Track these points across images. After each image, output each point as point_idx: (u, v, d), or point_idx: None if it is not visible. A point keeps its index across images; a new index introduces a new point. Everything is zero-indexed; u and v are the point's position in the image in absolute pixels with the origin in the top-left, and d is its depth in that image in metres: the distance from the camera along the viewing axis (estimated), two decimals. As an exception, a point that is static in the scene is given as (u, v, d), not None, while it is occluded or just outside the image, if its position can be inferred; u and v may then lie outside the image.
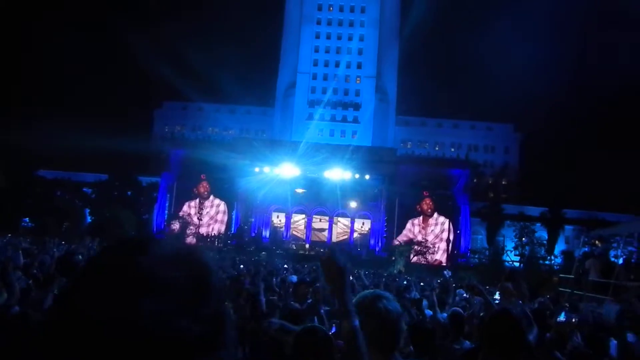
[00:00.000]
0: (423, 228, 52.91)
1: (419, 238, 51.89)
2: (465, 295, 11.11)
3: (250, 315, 6.03)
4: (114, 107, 78.84)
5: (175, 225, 51.30)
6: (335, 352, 2.98)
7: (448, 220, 52.58)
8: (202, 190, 54.62)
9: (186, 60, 78.87)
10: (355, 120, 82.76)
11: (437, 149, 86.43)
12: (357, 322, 1.95)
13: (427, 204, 53.12)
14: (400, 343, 2.35)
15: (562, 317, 4.91)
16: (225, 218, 54.79)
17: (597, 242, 51.97)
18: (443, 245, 52.15)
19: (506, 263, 46.93)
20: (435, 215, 53.05)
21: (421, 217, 53.43)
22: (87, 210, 53.27)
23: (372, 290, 2.49)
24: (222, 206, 54.79)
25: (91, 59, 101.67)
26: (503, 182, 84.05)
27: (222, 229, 53.82)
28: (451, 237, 52.16)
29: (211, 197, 54.78)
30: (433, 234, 52.57)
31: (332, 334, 3.60)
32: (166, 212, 54.54)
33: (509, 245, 53.55)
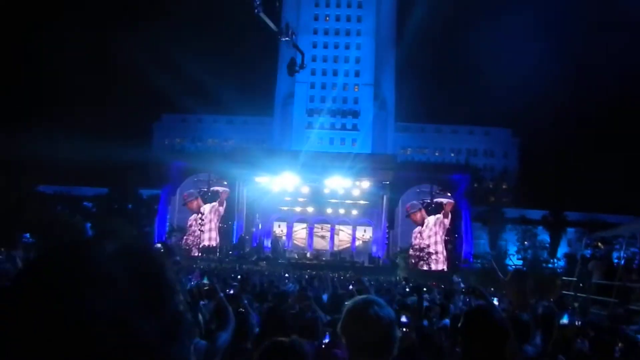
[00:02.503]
0: (420, 233, 52.63)
1: (416, 242, 51.59)
2: (467, 299, 11.03)
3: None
4: (113, 120, 78.94)
5: (176, 237, 51.16)
6: None
7: (439, 216, 51.95)
8: (194, 206, 54.43)
9: (185, 72, 79.02)
10: (355, 128, 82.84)
11: (437, 154, 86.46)
12: None
13: (416, 215, 52.81)
14: (395, 351, 2.18)
15: (565, 320, 4.83)
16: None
17: (599, 244, 51.74)
18: (440, 247, 51.47)
19: (509, 267, 46.75)
20: (426, 220, 52.66)
21: (420, 227, 53.13)
22: (89, 225, 53.09)
23: (364, 296, 2.37)
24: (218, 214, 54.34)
25: (88, 71, 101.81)
26: (504, 186, 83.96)
27: (218, 238, 53.40)
28: (445, 233, 51.54)
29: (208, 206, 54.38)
30: (428, 228, 52.05)
31: (325, 342, 3.54)
32: (167, 224, 54.39)
33: (512, 249, 53.38)
